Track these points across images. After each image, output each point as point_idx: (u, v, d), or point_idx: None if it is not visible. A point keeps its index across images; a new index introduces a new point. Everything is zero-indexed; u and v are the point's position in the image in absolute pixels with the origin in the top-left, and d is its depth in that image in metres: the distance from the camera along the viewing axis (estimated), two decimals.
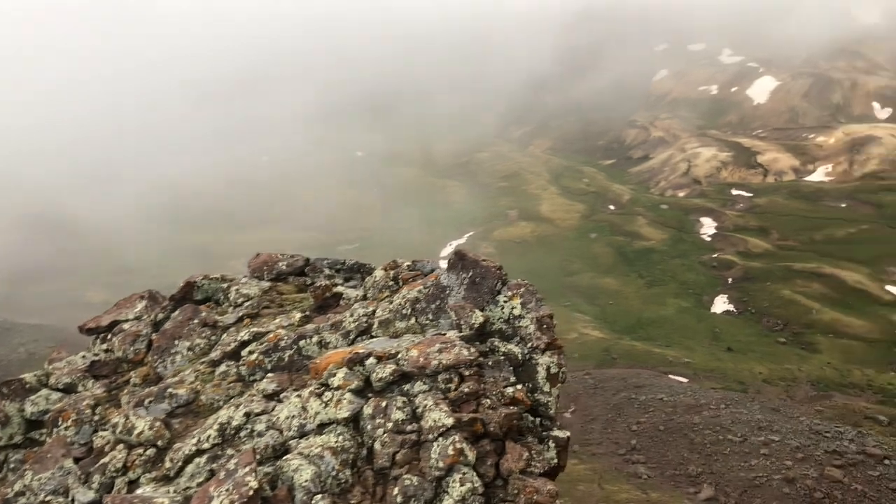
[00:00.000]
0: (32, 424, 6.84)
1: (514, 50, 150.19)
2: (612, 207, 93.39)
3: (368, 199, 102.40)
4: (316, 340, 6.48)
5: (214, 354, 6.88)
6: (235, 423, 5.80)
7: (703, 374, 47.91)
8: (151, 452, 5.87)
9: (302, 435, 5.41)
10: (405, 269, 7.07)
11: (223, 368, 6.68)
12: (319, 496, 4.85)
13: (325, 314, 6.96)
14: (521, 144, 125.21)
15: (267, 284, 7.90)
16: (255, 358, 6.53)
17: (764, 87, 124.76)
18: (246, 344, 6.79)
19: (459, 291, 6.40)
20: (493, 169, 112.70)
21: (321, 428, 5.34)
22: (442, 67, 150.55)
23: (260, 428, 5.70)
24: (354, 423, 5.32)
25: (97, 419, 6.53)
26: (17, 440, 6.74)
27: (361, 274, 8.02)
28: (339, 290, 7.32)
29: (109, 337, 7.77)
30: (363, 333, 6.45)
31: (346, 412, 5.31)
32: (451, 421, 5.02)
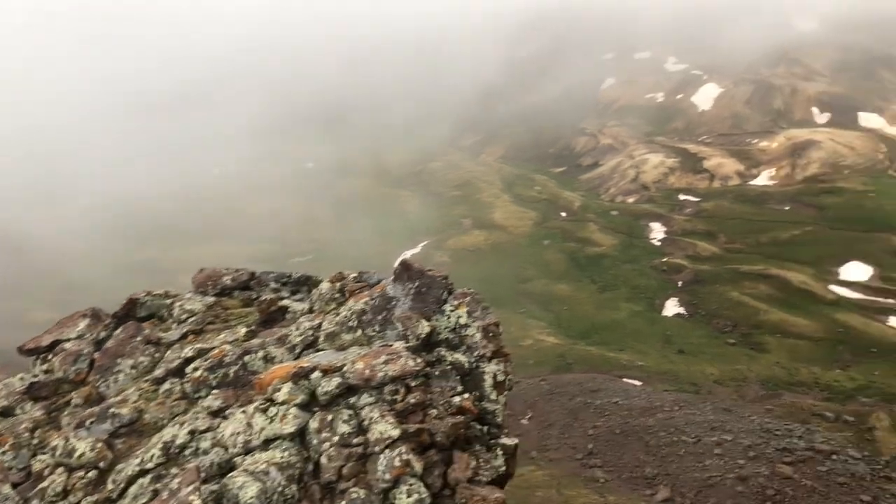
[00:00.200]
0: None
1: (463, 60, 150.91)
2: (563, 214, 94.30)
3: (320, 210, 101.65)
4: (261, 355, 6.42)
5: (158, 372, 6.77)
6: (180, 441, 5.71)
7: (656, 376, 48.59)
8: (93, 475, 5.73)
9: (247, 451, 5.35)
10: (351, 280, 7.05)
11: (167, 386, 6.57)
12: None
13: (270, 328, 6.89)
14: (472, 153, 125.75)
15: (211, 299, 7.79)
16: (199, 374, 6.44)
17: (708, 93, 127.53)
18: (190, 360, 6.68)
19: (406, 302, 6.40)
20: (445, 178, 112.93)
21: (266, 444, 5.29)
22: (392, 78, 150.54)
23: (205, 445, 5.62)
24: (300, 437, 5.28)
25: (36, 443, 6.35)
26: None
27: (308, 287, 7.96)
28: (284, 303, 7.26)
29: (50, 357, 7.57)
30: (309, 347, 6.40)
31: (291, 427, 5.27)
32: (397, 432, 5.01)
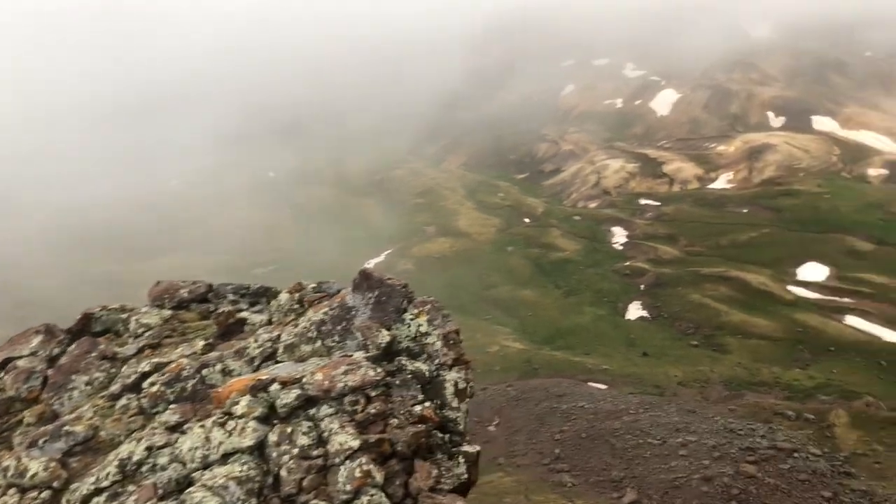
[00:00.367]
0: None
1: (424, 69, 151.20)
2: (527, 220, 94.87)
3: (282, 220, 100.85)
4: (219, 368, 6.33)
5: (114, 388, 6.64)
6: (137, 457, 5.61)
7: (621, 379, 49.03)
8: (47, 495, 5.60)
9: (206, 466, 5.27)
10: (310, 291, 7.00)
11: (123, 402, 6.44)
12: None
13: (229, 341, 6.81)
14: (435, 161, 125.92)
15: (168, 313, 7.67)
16: (156, 389, 6.33)
17: (666, 99, 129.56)
18: (147, 375, 6.57)
19: (365, 311, 6.37)
20: (408, 186, 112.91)
21: (225, 458, 5.21)
22: (353, 87, 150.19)
23: (162, 461, 5.52)
24: (259, 450, 5.22)
25: None
26: None
27: (267, 298, 7.87)
28: (243, 315, 7.17)
29: (2, 375, 7.39)
30: (268, 359, 6.33)
31: (250, 440, 5.21)
32: (357, 443, 4.98)
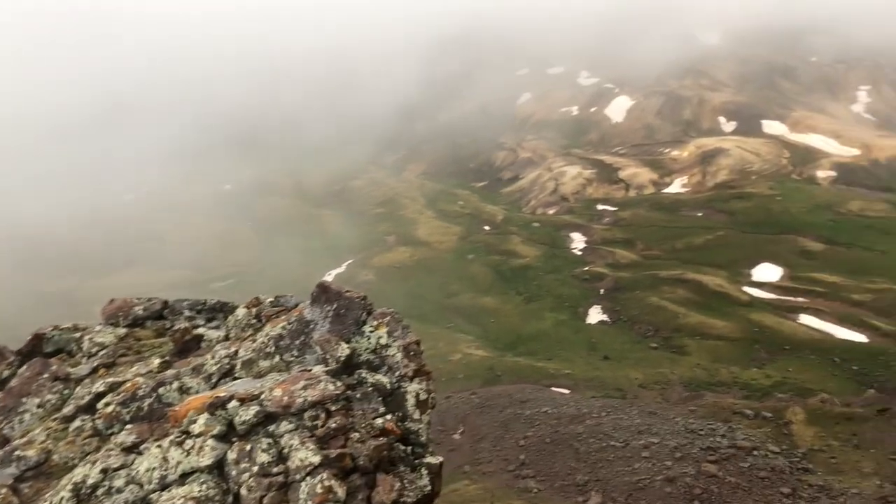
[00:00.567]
0: None
1: (380, 79, 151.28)
2: (487, 228, 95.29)
3: (241, 233, 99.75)
4: (176, 386, 6.21)
5: (67, 410, 6.47)
6: (91, 480, 5.46)
7: (583, 383, 49.41)
8: None
9: (164, 487, 5.16)
10: (268, 305, 6.91)
11: (77, 424, 6.28)
12: None
13: (185, 358, 6.68)
14: (394, 170, 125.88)
15: (123, 331, 7.51)
16: (111, 410, 6.18)
17: (620, 106, 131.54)
18: (101, 395, 6.41)
19: (324, 325, 6.30)
20: (368, 196, 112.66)
21: (183, 478, 5.11)
22: (310, 99, 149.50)
23: (119, 484, 5.39)
24: (219, 469, 5.12)
25: None
26: None
27: (224, 314, 7.75)
28: (200, 331, 7.05)
29: None
30: (226, 375, 6.23)
31: (208, 459, 5.11)
32: (318, 459, 4.92)
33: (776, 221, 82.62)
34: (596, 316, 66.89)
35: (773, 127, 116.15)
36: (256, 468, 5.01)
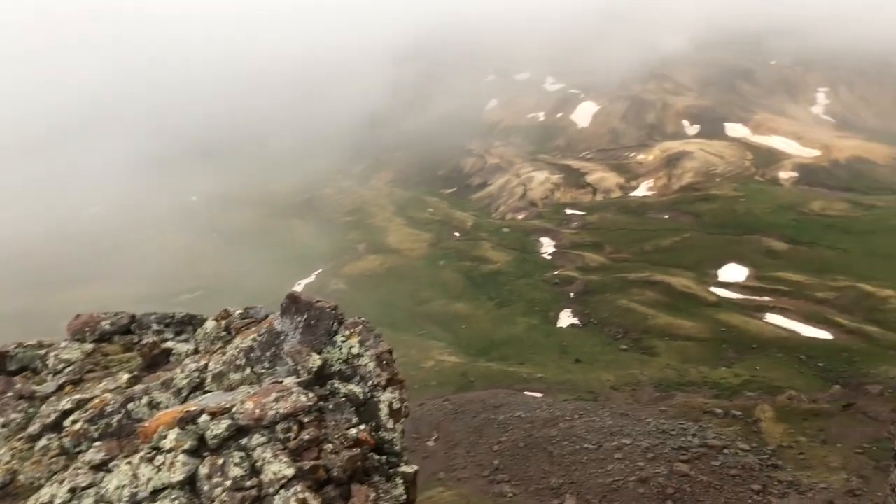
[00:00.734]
0: None
1: (347, 88, 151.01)
2: (457, 234, 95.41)
3: (208, 244, 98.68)
4: (146, 402, 6.12)
5: (33, 428, 6.35)
6: (59, 501, 5.37)
7: (555, 387, 49.60)
8: None
9: None
10: (237, 317, 6.84)
11: (44, 443, 6.16)
12: None
13: (154, 372, 6.60)
14: (362, 179, 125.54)
15: (90, 346, 7.39)
16: (79, 427, 6.07)
17: (586, 111, 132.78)
18: (68, 413, 6.30)
19: (295, 336, 6.26)
20: (336, 204, 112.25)
21: (155, 495, 5.04)
22: (275, 108, 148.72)
23: (87, 503, 5.31)
24: (190, 485, 5.06)
25: None
26: None
27: (193, 326, 7.66)
28: (168, 345, 6.97)
29: None
30: (196, 389, 6.16)
31: (180, 475, 5.04)
32: (291, 471, 4.88)
33: (741, 222, 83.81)
34: (567, 319, 67.23)
35: (735, 129, 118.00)
36: (229, 482, 4.96)
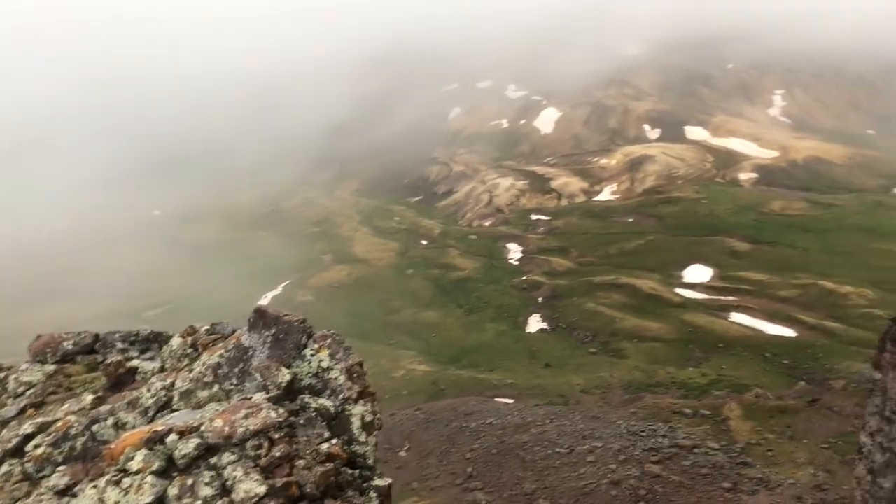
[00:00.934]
0: None
1: (308, 98, 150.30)
2: (424, 242, 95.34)
3: (172, 259, 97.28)
4: (111, 423, 5.98)
5: None
6: None
7: (526, 392, 49.71)
8: None
9: None
10: (203, 333, 6.73)
11: (5, 469, 5.98)
12: None
13: (120, 392, 6.45)
14: (327, 189, 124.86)
15: (52, 368, 7.20)
16: (42, 452, 5.90)
17: (549, 117, 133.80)
18: (31, 437, 6.12)
19: (263, 351, 6.17)
20: (301, 215, 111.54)
21: None
22: (237, 120, 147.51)
23: None
24: None
25: None
26: None
27: (159, 344, 7.51)
28: (134, 364, 6.82)
29: None
30: (163, 408, 6.03)
31: (148, 497, 4.93)
32: (263, 489, 4.80)
33: (703, 224, 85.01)
34: (535, 324, 67.50)
35: (695, 132, 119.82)
36: (200, 503, 4.86)
